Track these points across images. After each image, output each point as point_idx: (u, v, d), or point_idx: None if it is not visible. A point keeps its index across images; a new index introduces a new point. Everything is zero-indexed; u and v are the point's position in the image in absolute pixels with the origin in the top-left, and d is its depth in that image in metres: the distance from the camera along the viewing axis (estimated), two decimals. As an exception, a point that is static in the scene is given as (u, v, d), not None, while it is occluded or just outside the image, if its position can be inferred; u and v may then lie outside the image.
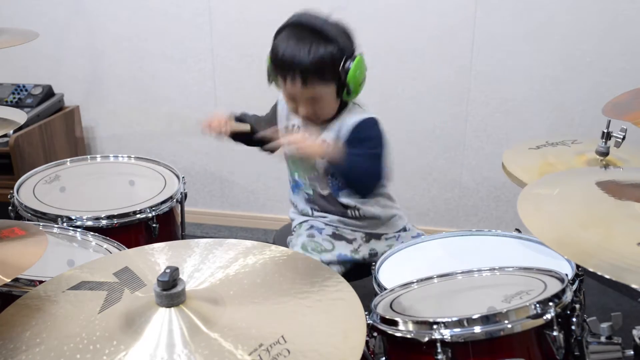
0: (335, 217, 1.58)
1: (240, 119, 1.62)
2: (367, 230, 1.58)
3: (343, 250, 1.53)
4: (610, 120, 1.42)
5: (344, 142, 1.44)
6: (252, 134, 1.57)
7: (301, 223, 1.63)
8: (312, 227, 1.59)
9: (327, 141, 1.45)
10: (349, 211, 1.56)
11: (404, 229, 1.62)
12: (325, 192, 1.56)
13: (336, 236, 1.56)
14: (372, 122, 1.47)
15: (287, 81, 1.40)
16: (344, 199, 1.55)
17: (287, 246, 1.60)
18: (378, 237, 1.59)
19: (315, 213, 1.60)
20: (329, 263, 1.49)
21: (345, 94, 1.42)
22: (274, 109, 1.63)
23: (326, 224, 1.59)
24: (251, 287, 0.98)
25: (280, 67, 1.41)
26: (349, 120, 1.47)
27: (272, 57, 1.44)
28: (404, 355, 1.07)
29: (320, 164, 1.50)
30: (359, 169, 1.39)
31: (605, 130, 1.45)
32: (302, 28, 1.40)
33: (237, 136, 1.57)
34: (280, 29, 1.45)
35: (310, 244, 1.52)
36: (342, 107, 1.49)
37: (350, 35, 1.43)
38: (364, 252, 1.56)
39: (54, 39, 2.60)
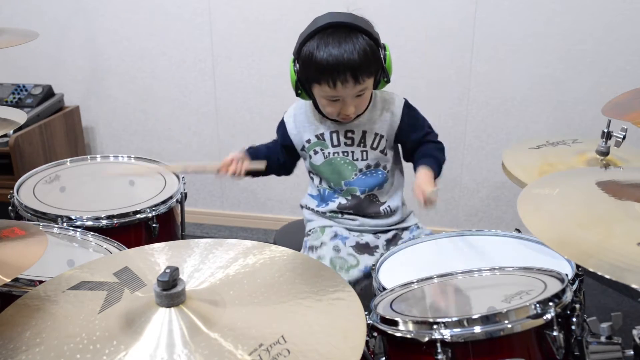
0: (362, 220, 1.57)
1: (253, 154, 1.56)
2: (390, 231, 1.58)
3: (368, 262, 1.50)
4: (610, 120, 1.42)
5: (399, 125, 1.53)
6: (267, 171, 1.57)
7: (323, 228, 1.58)
8: (336, 235, 1.55)
9: (426, 169, 1.51)
10: (381, 208, 1.57)
11: (417, 226, 1.62)
12: (364, 195, 1.55)
13: (359, 247, 1.53)
14: (408, 103, 1.57)
15: (337, 84, 1.37)
16: (381, 195, 1.57)
17: (294, 244, 1.57)
18: (396, 240, 1.58)
19: (345, 217, 1.58)
20: (357, 280, 1.46)
21: (384, 81, 1.45)
22: (282, 130, 1.58)
23: (349, 230, 1.57)
24: (251, 287, 0.98)
25: (328, 71, 1.36)
26: (393, 106, 1.53)
27: (311, 65, 1.39)
28: (404, 355, 1.07)
29: (374, 155, 1.54)
30: (443, 162, 1.59)
31: (606, 130, 1.45)
32: (335, 28, 1.39)
33: (254, 173, 1.55)
34: (310, 35, 1.40)
35: (338, 261, 1.49)
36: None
37: (373, 26, 1.45)
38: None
39: (54, 39, 2.60)
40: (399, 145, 1.60)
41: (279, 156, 1.59)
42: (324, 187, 1.60)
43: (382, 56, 1.42)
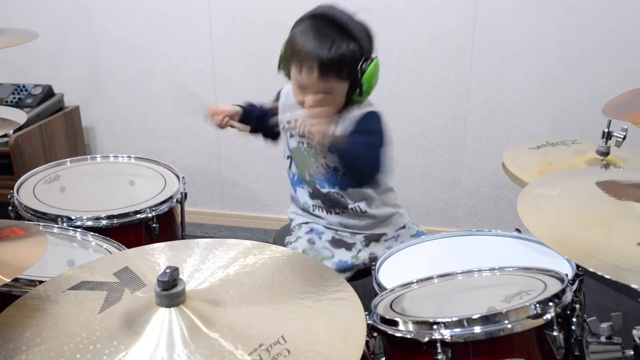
0: (335, 219, 1.57)
1: (246, 111, 1.60)
2: (367, 232, 1.58)
3: (343, 257, 1.52)
4: (610, 120, 1.42)
5: (347, 134, 1.46)
6: (256, 131, 1.60)
7: (301, 224, 1.62)
8: (311, 230, 1.58)
9: (333, 128, 1.44)
10: (350, 206, 1.55)
11: (404, 227, 1.61)
12: (325, 190, 1.56)
13: (335, 242, 1.55)
14: (376, 116, 1.49)
15: (302, 71, 1.38)
16: (346, 197, 1.55)
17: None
18: (377, 239, 1.58)
19: (316, 211, 1.60)
20: None
21: (356, 94, 1.43)
22: (277, 99, 1.62)
23: (326, 227, 1.58)
24: (251, 287, 0.98)
25: (299, 56, 1.38)
26: (353, 113, 1.48)
27: (290, 46, 1.42)
28: (404, 355, 1.07)
29: (322, 152, 1.50)
30: (358, 155, 1.41)
31: (606, 130, 1.45)
32: (327, 21, 1.39)
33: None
34: (302, 18, 1.43)
35: (311, 252, 1.51)
36: (347, 104, 1.48)
37: (371, 37, 1.43)
38: (364, 257, 1.54)
39: (54, 39, 2.60)
40: None
41: (265, 119, 1.60)
42: (292, 172, 1.62)
43: (361, 68, 1.39)
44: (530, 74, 2.24)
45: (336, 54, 1.36)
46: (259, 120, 1.60)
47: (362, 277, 1.55)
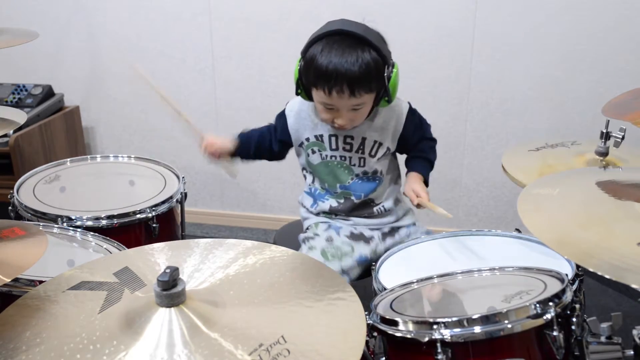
0: (355, 220, 1.57)
1: (243, 142, 1.59)
2: (385, 227, 1.58)
3: (363, 250, 1.51)
4: (609, 120, 1.42)
5: (402, 133, 1.54)
6: (256, 157, 1.63)
7: (318, 223, 1.59)
8: (330, 227, 1.56)
9: (417, 174, 1.56)
10: (375, 208, 1.57)
11: (414, 224, 1.62)
12: (358, 201, 1.55)
13: (354, 236, 1.54)
14: (413, 109, 1.57)
15: (332, 92, 1.35)
16: (376, 197, 1.57)
17: (293, 244, 1.58)
18: (392, 234, 1.58)
19: (339, 216, 1.59)
20: (349, 269, 1.47)
21: (384, 101, 1.42)
22: (282, 123, 1.57)
23: (344, 223, 1.58)
24: (251, 287, 0.98)
25: (326, 78, 1.34)
26: (396, 114, 1.52)
27: (311, 68, 1.37)
28: (404, 355, 1.07)
29: (372, 162, 1.53)
30: (435, 156, 1.64)
31: (604, 130, 1.45)
32: (344, 36, 1.36)
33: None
34: (318, 37, 1.38)
35: (330, 249, 1.48)
36: (372, 109, 1.48)
37: (386, 42, 1.42)
38: (380, 251, 1.53)
39: (54, 39, 2.60)
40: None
41: (272, 144, 1.59)
42: (315, 187, 1.60)
43: (386, 75, 1.38)
44: (530, 74, 2.24)
45: (362, 68, 1.33)
46: (259, 146, 1.59)
47: (358, 276, 1.55)
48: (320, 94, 1.38)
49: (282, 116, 1.58)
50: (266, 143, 1.59)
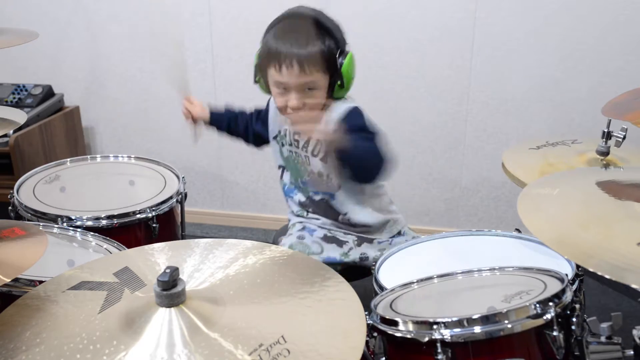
0: (329, 221, 1.58)
1: (214, 118, 1.67)
2: (360, 235, 1.58)
3: (332, 253, 1.52)
4: (610, 120, 1.42)
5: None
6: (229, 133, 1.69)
7: (294, 224, 1.62)
8: (304, 228, 1.58)
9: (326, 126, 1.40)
10: (339, 217, 1.56)
11: (399, 233, 1.60)
12: (317, 198, 1.56)
13: (327, 238, 1.55)
14: (357, 111, 1.45)
15: (282, 69, 1.37)
16: (337, 205, 1.54)
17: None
18: (370, 241, 1.58)
19: (310, 214, 1.60)
20: None
21: (337, 88, 1.42)
22: (265, 113, 1.63)
23: (319, 227, 1.58)
24: (251, 287, 0.98)
25: (276, 55, 1.37)
26: (334, 112, 1.45)
27: (265, 51, 1.41)
28: (404, 355, 1.07)
29: (315, 162, 1.50)
30: (363, 150, 1.34)
31: (606, 130, 1.45)
32: (298, 19, 1.40)
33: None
34: (273, 23, 1.44)
35: (298, 246, 1.51)
36: (329, 100, 1.47)
37: (342, 31, 1.43)
38: (354, 256, 1.54)
39: (54, 39, 2.60)
40: None
41: (247, 125, 1.65)
42: (284, 182, 1.63)
43: (340, 60, 1.39)
44: (530, 74, 2.24)
45: (312, 45, 1.36)
46: (232, 124, 1.67)
47: (353, 276, 1.55)
48: (272, 72, 1.40)
49: (266, 107, 1.63)
50: (243, 121, 1.65)
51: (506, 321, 0.98)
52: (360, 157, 1.33)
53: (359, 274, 1.55)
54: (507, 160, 1.55)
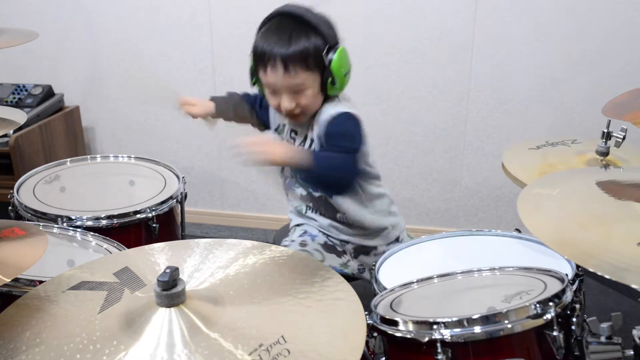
0: (327, 222, 1.56)
1: (218, 106, 1.63)
2: (357, 242, 1.55)
3: (333, 262, 1.51)
4: (610, 120, 1.42)
5: (320, 136, 1.41)
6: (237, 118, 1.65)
7: (295, 227, 1.61)
8: (305, 232, 1.57)
9: (292, 145, 1.44)
10: (337, 215, 1.54)
11: (397, 240, 1.59)
12: (317, 194, 1.54)
13: (327, 247, 1.54)
14: (346, 116, 1.40)
15: (267, 70, 1.36)
16: (335, 203, 1.52)
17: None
18: (367, 252, 1.56)
19: (308, 212, 1.59)
20: None
21: (329, 85, 1.38)
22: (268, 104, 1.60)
23: (319, 230, 1.57)
24: (251, 287, 0.98)
25: (261, 57, 1.37)
26: (324, 114, 1.42)
27: (255, 51, 1.40)
28: (404, 355, 1.07)
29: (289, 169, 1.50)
30: (328, 169, 1.32)
31: (606, 130, 1.45)
32: (283, 18, 1.39)
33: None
34: (263, 22, 1.43)
35: (302, 254, 1.50)
36: (325, 100, 1.44)
37: (332, 26, 1.40)
38: (352, 267, 1.54)
39: (54, 39, 2.60)
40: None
41: (255, 104, 1.62)
42: (285, 176, 1.60)
43: (327, 58, 1.36)
44: (530, 74, 2.24)
45: (297, 45, 1.34)
46: (240, 109, 1.63)
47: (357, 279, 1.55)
48: (262, 74, 1.40)
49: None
50: (248, 105, 1.62)
51: (506, 321, 0.98)
52: (322, 176, 1.33)
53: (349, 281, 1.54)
54: (507, 161, 1.55)
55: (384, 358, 1.08)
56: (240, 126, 1.68)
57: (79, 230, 1.46)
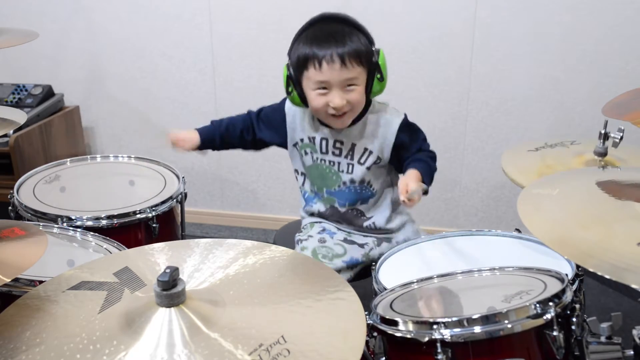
0: (350, 228, 1.58)
1: (204, 138, 1.62)
2: (379, 236, 1.58)
3: (355, 254, 1.51)
4: (607, 121, 1.42)
5: (394, 144, 1.49)
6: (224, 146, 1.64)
7: (313, 223, 1.61)
8: (324, 229, 1.57)
9: (414, 170, 1.46)
10: (365, 224, 1.57)
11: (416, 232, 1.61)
12: (343, 210, 1.56)
13: (348, 241, 1.55)
14: (410, 122, 1.53)
15: (322, 67, 1.36)
16: (366, 209, 1.55)
17: (293, 244, 1.59)
18: (389, 240, 1.58)
19: (331, 219, 1.60)
20: (339, 271, 1.47)
21: (376, 82, 1.42)
22: (280, 117, 1.57)
23: (338, 229, 1.58)
24: (251, 287, 0.98)
25: (314, 53, 1.37)
26: (389, 123, 1.48)
27: (303, 54, 1.39)
28: (404, 355, 1.07)
29: (360, 170, 1.51)
30: (432, 174, 1.52)
31: (603, 131, 1.45)
32: (330, 22, 1.42)
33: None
34: (303, 29, 1.43)
35: (322, 250, 1.49)
36: (367, 107, 1.48)
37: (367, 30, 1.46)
38: (374, 255, 1.54)
39: (54, 39, 2.60)
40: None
41: (243, 133, 1.60)
42: (305, 190, 1.61)
43: (375, 55, 1.41)
44: (530, 74, 2.24)
45: (351, 39, 1.38)
46: (226, 134, 1.61)
47: (366, 274, 1.55)
48: (312, 73, 1.39)
49: (279, 110, 1.57)
50: (236, 131, 1.60)
51: (506, 321, 0.98)
52: (431, 181, 1.50)
53: (364, 275, 1.55)
54: (505, 163, 1.55)
55: (384, 358, 1.08)
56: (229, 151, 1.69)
57: (79, 230, 1.46)
